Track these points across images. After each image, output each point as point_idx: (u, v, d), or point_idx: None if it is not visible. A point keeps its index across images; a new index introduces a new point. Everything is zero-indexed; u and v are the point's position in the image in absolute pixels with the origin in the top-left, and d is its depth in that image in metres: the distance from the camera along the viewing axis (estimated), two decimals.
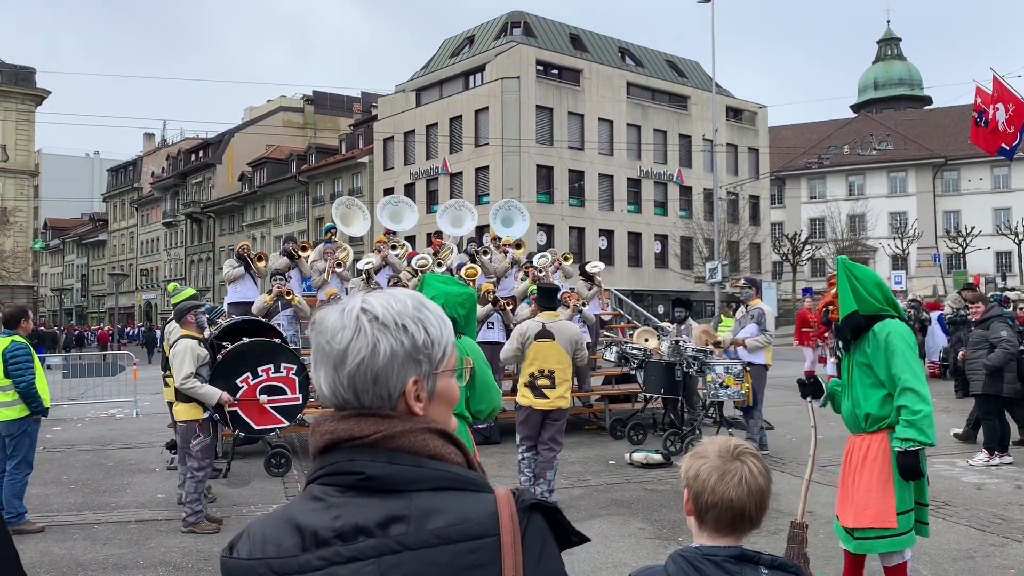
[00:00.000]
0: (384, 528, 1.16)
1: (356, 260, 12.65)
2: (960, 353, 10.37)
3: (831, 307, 4.52)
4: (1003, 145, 13.25)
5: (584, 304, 11.59)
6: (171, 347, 7.20)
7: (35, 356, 7.02)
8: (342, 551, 1.16)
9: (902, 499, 4.13)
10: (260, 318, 9.83)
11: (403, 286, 11.18)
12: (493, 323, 11.07)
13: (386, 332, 1.24)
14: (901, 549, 4.19)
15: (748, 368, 9.50)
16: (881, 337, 4.17)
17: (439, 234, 14.03)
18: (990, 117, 13.28)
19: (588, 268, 12.89)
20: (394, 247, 12.45)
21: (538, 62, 40.58)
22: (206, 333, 7.86)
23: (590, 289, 12.37)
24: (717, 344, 10.05)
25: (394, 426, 1.22)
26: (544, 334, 7.11)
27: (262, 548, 1.21)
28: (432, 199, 42.26)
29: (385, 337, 1.24)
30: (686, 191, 45.63)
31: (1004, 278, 33.94)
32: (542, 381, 7.05)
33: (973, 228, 47.68)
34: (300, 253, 11.75)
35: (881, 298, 4.27)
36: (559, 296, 9.73)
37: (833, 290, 4.44)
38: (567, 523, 1.26)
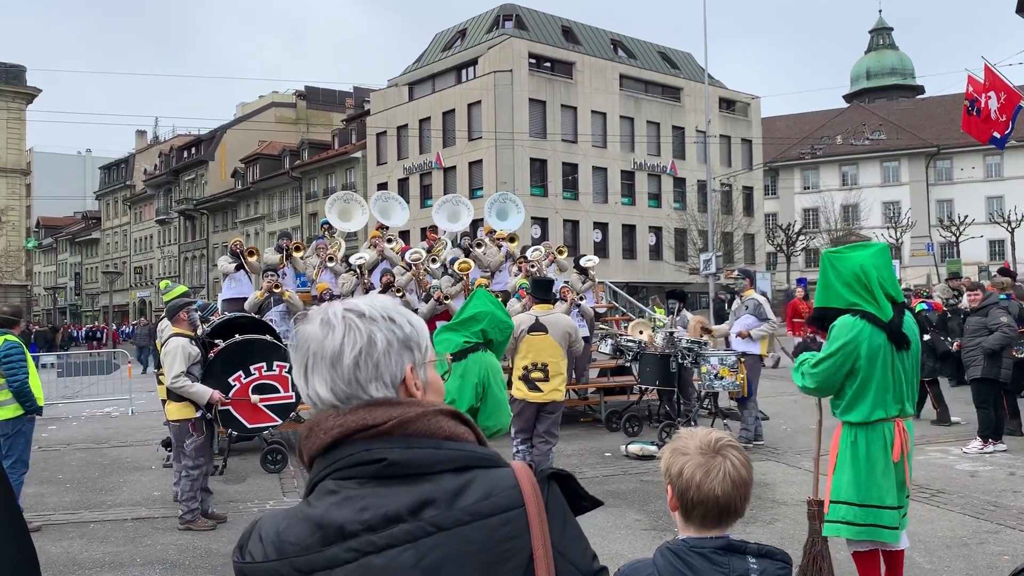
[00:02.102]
0: (415, 513, 1.17)
1: (348, 255, 12.61)
2: (956, 344, 10.42)
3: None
4: (995, 134, 13.26)
5: (582, 298, 11.60)
6: (163, 345, 7.18)
7: (28, 355, 7.01)
8: (375, 540, 1.15)
9: (836, 489, 4.28)
10: (253, 314, 9.82)
11: (394, 282, 11.17)
12: None
13: (376, 324, 1.27)
14: (826, 535, 4.38)
15: (743, 359, 9.52)
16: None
17: (434, 229, 14.01)
18: (982, 106, 13.29)
19: (582, 261, 12.89)
20: (389, 240, 12.43)
21: (530, 55, 40.51)
22: (199, 331, 7.84)
23: (584, 282, 12.37)
24: (708, 331, 10.08)
25: (407, 411, 1.22)
26: (537, 327, 7.09)
27: (278, 549, 1.18)
28: (426, 194, 42.23)
29: (377, 328, 1.26)
30: (680, 183, 45.64)
31: None
32: (536, 374, 7.05)
33: (966, 217, 47.78)
34: (294, 253, 11.73)
35: (861, 291, 4.23)
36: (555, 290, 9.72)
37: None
38: (581, 489, 1.31)
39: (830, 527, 4.30)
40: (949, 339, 11.53)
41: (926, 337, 11.32)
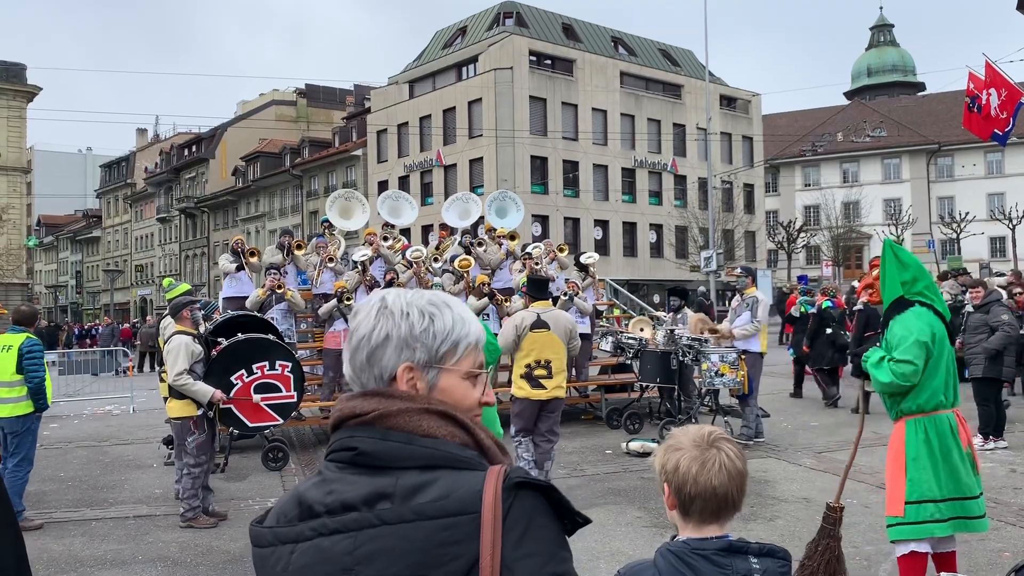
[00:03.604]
0: (370, 505, 1.20)
1: (347, 253, 12.60)
2: (958, 342, 10.44)
3: (871, 289, 4.57)
4: (996, 131, 13.21)
5: (577, 293, 11.59)
6: (165, 343, 7.20)
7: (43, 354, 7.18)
8: (328, 523, 1.22)
9: (915, 488, 4.12)
10: (255, 313, 9.82)
11: (396, 279, 11.18)
12: (488, 315, 11.09)
13: (389, 317, 1.30)
14: (905, 538, 4.17)
15: (743, 356, 9.52)
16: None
17: (444, 226, 14.02)
18: (983, 102, 13.26)
19: (583, 259, 12.90)
20: (385, 239, 12.42)
21: (531, 52, 40.47)
22: (201, 329, 7.85)
23: (585, 280, 12.38)
24: (714, 332, 10.06)
25: (391, 405, 1.25)
26: (539, 324, 7.03)
27: (276, 519, 1.29)
28: (426, 192, 42.22)
29: (385, 321, 1.29)
30: (680, 180, 45.61)
31: None
32: (539, 372, 6.97)
33: (967, 214, 47.73)
34: (295, 251, 11.73)
35: (926, 283, 4.33)
36: (555, 286, 9.70)
37: (875, 272, 4.46)
38: (565, 502, 1.23)
39: (917, 529, 4.11)
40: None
41: (828, 331, 12.39)
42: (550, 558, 1.19)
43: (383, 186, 41.16)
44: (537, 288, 7.40)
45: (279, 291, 10.44)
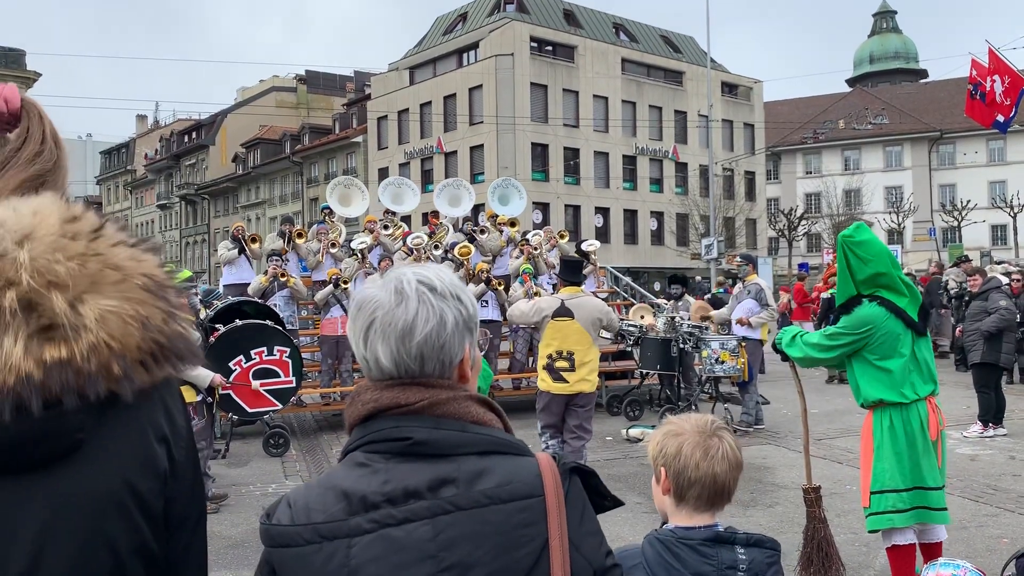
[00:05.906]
0: (434, 491, 1.20)
1: (349, 240, 12.59)
2: (958, 330, 10.46)
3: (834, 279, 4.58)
4: (998, 118, 13.18)
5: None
6: None
7: None
8: (395, 513, 1.19)
9: (878, 478, 4.12)
10: (257, 299, 9.83)
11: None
12: (487, 302, 11.09)
13: (447, 302, 1.28)
14: (871, 529, 4.23)
15: (743, 343, 9.53)
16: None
17: (435, 214, 13.99)
18: (986, 90, 13.20)
19: (584, 246, 12.90)
20: (386, 227, 12.40)
21: (532, 39, 40.31)
22: (202, 315, 7.86)
23: (586, 267, 12.37)
24: (707, 317, 10.08)
25: (439, 394, 1.25)
26: (562, 312, 6.47)
27: (306, 514, 1.22)
28: (427, 178, 42.12)
29: (448, 307, 1.27)
30: (682, 167, 45.51)
31: None
32: (560, 363, 6.45)
33: (969, 201, 47.62)
34: (296, 240, 11.71)
35: (892, 275, 4.24)
36: (553, 273, 9.66)
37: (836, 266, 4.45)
38: (603, 487, 1.33)
39: (878, 519, 4.13)
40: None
41: None
42: (602, 536, 1.31)
43: (383, 173, 41.10)
44: (569, 270, 6.82)
45: (282, 279, 10.45)
